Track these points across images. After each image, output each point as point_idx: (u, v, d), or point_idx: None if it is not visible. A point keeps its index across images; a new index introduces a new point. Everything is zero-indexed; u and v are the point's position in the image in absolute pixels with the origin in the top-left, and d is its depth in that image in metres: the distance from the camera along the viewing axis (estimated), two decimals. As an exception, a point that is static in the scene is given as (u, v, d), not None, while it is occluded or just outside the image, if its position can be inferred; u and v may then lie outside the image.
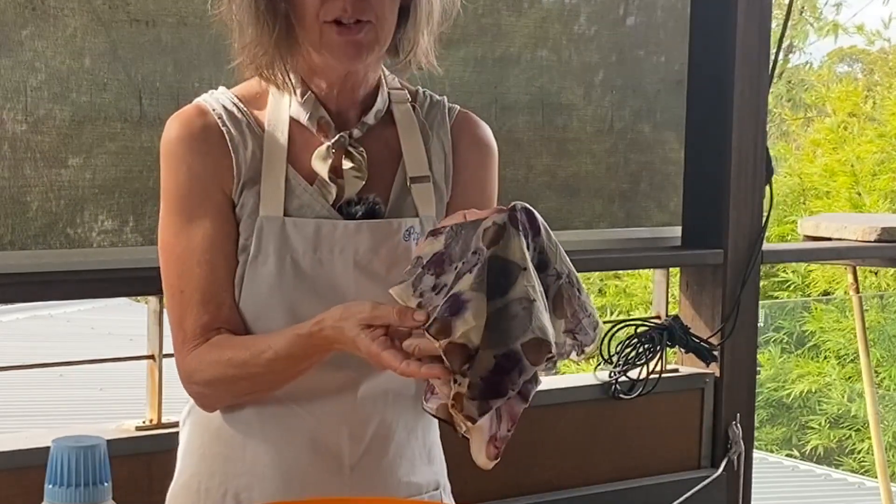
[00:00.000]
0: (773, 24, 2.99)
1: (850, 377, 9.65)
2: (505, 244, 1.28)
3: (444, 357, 1.25)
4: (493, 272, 1.27)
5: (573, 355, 1.34)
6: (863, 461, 9.15)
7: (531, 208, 1.32)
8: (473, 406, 1.25)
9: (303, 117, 1.53)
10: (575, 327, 1.33)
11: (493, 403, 1.25)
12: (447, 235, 1.32)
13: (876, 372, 9.15)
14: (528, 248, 1.29)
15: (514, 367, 1.24)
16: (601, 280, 10.64)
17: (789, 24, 3.20)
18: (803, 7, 13.11)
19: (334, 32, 1.45)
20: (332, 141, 1.51)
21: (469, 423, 1.27)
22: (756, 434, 3.00)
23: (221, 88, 1.57)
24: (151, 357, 2.17)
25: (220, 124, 1.51)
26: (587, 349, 1.34)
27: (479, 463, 1.32)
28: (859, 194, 10.32)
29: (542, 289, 1.29)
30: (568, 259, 1.34)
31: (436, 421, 1.62)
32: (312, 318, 1.40)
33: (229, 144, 1.51)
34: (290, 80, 1.52)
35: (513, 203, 1.31)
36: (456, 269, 1.29)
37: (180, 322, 1.50)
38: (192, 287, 1.49)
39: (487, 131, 1.64)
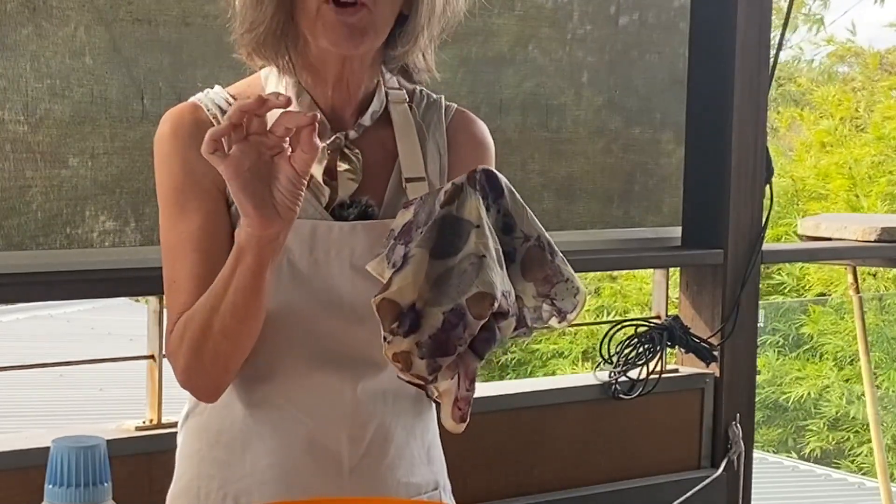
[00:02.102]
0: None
1: (848, 379, 9.65)
2: (460, 203, 1.29)
3: (376, 313, 1.25)
4: (445, 231, 1.28)
5: (553, 322, 1.34)
6: (862, 464, 9.14)
7: (494, 171, 1.32)
8: (423, 365, 1.24)
9: (298, 118, 1.52)
10: (549, 291, 1.32)
11: (441, 362, 1.24)
12: (416, 205, 1.32)
13: (874, 374, 9.13)
14: (486, 209, 1.29)
15: (460, 322, 1.24)
16: (598, 281, 10.65)
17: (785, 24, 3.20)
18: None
19: (331, 12, 1.44)
20: (328, 142, 1.51)
21: (434, 388, 1.26)
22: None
23: (217, 87, 1.57)
24: (151, 357, 2.17)
25: (214, 122, 1.51)
26: (569, 316, 1.33)
27: (448, 427, 1.31)
28: (857, 197, 10.32)
29: (497, 247, 1.28)
30: (538, 223, 1.34)
31: (435, 420, 1.62)
32: None
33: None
34: (291, 59, 1.51)
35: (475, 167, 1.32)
36: (420, 232, 1.29)
37: (169, 309, 1.50)
38: (183, 275, 1.48)
39: (484, 129, 1.63)
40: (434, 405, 1.61)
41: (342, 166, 1.51)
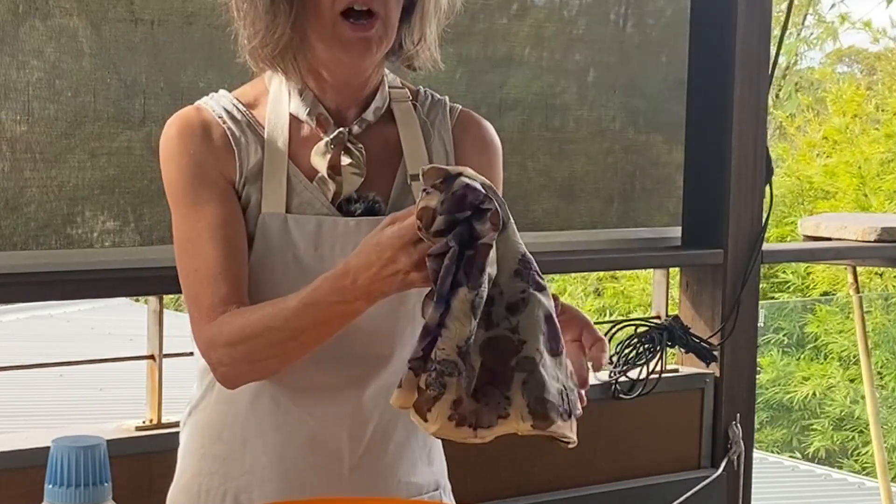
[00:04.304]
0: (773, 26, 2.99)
1: (853, 379, 9.63)
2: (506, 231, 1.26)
3: (422, 176, 1.23)
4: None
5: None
6: (866, 464, 9.13)
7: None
8: (441, 221, 1.21)
9: (302, 113, 1.53)
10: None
11: (459, 216, 1.21)
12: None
13: (879, 374, 9.13)
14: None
15: (473, 197, 1.21)
16: (598, 281, 10.63)
17: (790, 31, 3.20)
18: (807, 14, 13.10)
19: (347, 28, 1.46)
20: (331, 137, 1.52)
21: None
22: (756, 437, 3.00)
23: (221, 91, 1.58)
24: (151, 357, 2.18)
25: (221, 122, 1.52)
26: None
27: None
28: (866, 195, 10.30)
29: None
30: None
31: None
32: None
33: (231, 140, 1.51)
34: (299, 68, 1.51)
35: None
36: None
37: (196, 299, 1.48)
38: (207, 264, 1.48)
39: (490, 130, 1.64)
40: None
41: (346, 160, 1.51)
